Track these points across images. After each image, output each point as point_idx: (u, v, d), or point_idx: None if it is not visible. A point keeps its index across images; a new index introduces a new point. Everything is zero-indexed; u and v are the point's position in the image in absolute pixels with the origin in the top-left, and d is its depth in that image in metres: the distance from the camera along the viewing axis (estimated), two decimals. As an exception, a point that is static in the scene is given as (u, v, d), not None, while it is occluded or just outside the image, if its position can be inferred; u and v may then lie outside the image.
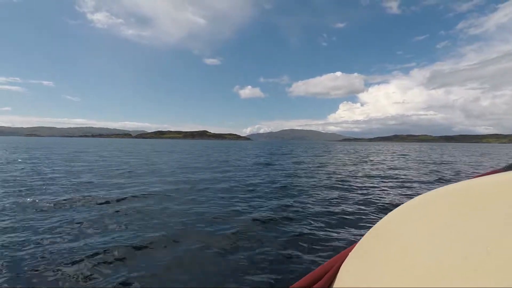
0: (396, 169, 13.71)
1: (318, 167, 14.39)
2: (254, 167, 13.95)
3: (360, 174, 11.27)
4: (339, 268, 0.24)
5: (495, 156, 28.28)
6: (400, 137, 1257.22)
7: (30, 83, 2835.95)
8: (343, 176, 10.51)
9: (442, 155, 29.12)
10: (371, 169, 13.53)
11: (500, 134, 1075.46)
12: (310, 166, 14.90)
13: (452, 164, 17.03)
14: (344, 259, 0.24)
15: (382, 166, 15.24)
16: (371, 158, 21.87)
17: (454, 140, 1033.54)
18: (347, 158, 21.62)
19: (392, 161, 19.34)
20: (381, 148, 59.34)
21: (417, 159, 21.72)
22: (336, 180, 9.35)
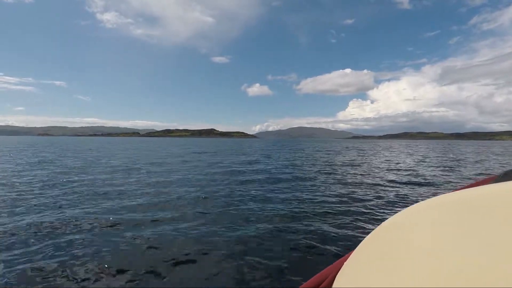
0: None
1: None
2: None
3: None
4: (338, 272, 0.24)
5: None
6: (409, 134, 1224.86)
7: (43, 83, 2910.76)
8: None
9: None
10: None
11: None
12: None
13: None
14: (343, 264, 0.25)
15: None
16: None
17: (466, 137, 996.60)
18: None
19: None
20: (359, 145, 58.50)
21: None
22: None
